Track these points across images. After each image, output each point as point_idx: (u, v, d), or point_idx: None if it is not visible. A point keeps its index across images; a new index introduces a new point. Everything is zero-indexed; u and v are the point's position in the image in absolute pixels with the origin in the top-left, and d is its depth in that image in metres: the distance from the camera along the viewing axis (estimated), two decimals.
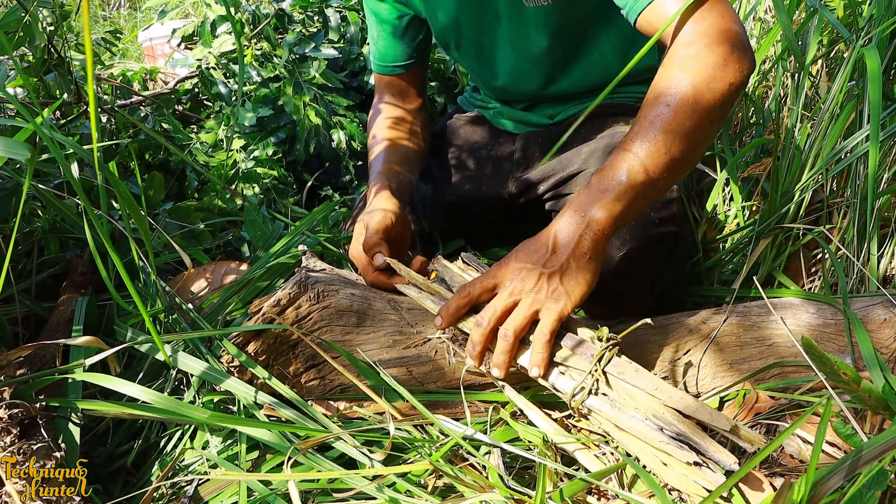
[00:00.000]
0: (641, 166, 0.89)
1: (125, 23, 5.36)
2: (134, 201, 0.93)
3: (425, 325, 1.05)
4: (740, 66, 0.91)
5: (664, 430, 0.82)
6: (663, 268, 1.19)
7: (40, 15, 1.32)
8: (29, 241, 1.26)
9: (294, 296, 1.00)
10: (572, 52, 1.32)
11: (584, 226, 0.90)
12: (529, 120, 1.44)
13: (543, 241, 0.92)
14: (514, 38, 1.29)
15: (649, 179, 0.90)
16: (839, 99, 1.23)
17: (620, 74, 0.90)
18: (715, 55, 0.91)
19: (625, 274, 1.13)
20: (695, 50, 0.92)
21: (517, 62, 1.33)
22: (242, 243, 1.50)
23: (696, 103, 0.89)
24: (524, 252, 0.93)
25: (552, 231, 0.92)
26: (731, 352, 1.03)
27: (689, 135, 0.90)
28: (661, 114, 0.90)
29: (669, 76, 0.92)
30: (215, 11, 2.00)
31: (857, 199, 1.19)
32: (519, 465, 0.91)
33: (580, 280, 0.90)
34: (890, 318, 0.98)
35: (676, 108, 0.90)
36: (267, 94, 1.88)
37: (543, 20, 1.24)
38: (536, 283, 0.90)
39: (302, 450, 0.84)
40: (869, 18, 1.24)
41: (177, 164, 1.75)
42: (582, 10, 1.25)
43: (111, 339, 1.11)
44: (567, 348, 0.91)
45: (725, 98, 0.91)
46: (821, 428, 0.62)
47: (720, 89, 0.90)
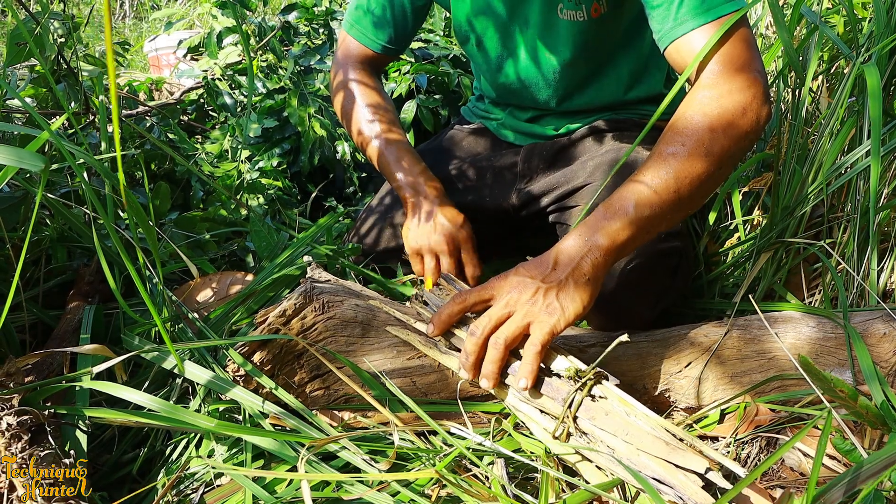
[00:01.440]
0: (649, 200, 0.91)
1: (130, 33, 5.40)
2: (142, 211, 0.94)
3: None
4: (758, 116, 0.93)
5: (641, 472, 0.81)
6: (668, 283, 1.20)
7: (51, 27, 1.34)
8: (37, 249, 1.27)
9: (299, 306, 1.01)
10: (591, 71, 1.33)
11: (586, 249, 0.91)
12: (533, 132, 1.45)
13: (546, 258, 0.93)
14: (539, 47, 1.30)
15: (655, 214, 0.91)
16: (840, 115, 1.24)
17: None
18: (736, 102, 0.92)
19: (631, 287, 1.14)
20: (717, 93, 0.93)
21: (535, 71, 1.34)
22: (247, 253, 1.51)
23: (711, 148, 0.91)
24: (525, 267, 0.94)
25: (555, 250, 0.93)
26: (732, 365, 1.04)
27: (700, 177, 0.92)
28: (675, 152, 0.92)
29: (689, 116, 0.93)
30: (222, 23, 2.02)
31: (857, 214, 1.20)
32: (522, 475, 0.91)
33: (576, 298, 0.90)
34: (889, 333, 0.99)
35: (691, 150, 0.91)
36: (272, 105, 1.89)
37: (573, 34, 1.25)
38: (533, 295, 0.90)
39: (313, 450, 0.85)
40: (869, 35, 1.26)
41: (182, 175, 1.77)
42: (612, 31, 1.27)
43: (117, 347, 1.12)
44: (537, 390, 0.91)
45: (740, 145, 0.93)
46: (821, 442, 0.63)
47: (736, 136, 0.92)
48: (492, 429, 0.98)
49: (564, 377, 0.91)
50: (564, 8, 1.22)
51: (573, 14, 1.22)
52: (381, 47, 1.45)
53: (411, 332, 1.05)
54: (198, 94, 2.16)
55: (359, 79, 1.43)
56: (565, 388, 0.89)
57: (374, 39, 1.44)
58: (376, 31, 1.43)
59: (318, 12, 2.09)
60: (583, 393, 0.88)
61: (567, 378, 0.90)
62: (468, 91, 2.11)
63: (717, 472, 0.78)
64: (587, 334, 1.10)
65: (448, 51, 2.18)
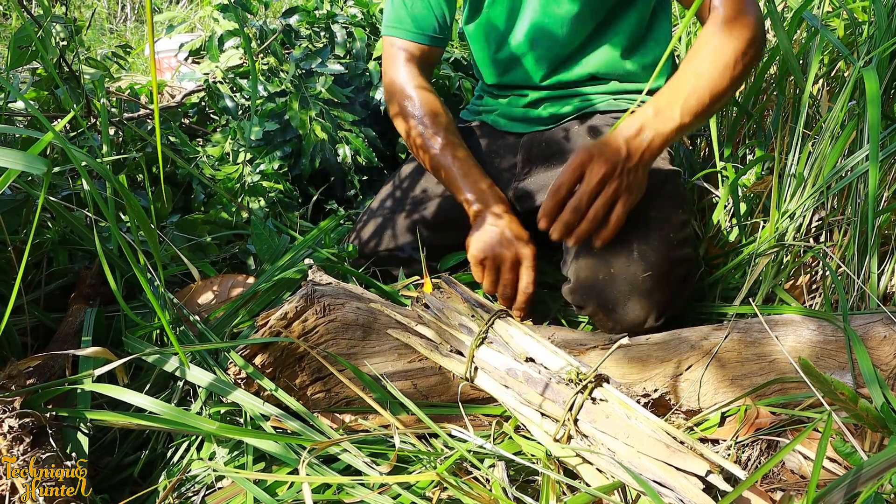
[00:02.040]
0: (699, 95, 1.12)
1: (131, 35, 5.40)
2: (144, 214, 0.94)
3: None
4: (762, 42, 1.17)
5: (642, 475, 0.82)
6: (679, 290, 1.20)
7: (53, 30, 1.34)
8: (38, 252, 1.27)
9: (301, 309, 1.01)
10: (594, 28, 1.35)
11: (649, 139, 1.11)
12: (529, 116, 1.46)
13: (617, 145, 1.10)
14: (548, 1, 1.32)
15: (702, 105, 1.12)
16: (840, 118, 1.24)
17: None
18: (745, 38, 1.15)
19: (644, 295, 1.14)
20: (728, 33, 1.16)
21: (542, 23, 1.35)
22: (248, 256, 1.51)
23: (735, 69, 1.14)
24: (603, 154, 1.10)
25: (624, 138, 1.10)
26: (733, 367, 1.04)
27: (728, 81, 1.14)
28: (705, 70, 1.13)
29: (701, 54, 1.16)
30: (223, 27, 2.02)
31: (857, 217, 1.20)
32: (522, 478, 0.92)
33: (642, 185, 1.14)
34: (890, 336, 0.99)
35: (721, 69, 1.14)
36: (273, 108, 1.89)
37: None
38: (617, 178, 1.10)
39: (314, 453, 0.85)
40: (869, 38, 1.26)
41: (183, 177, 1.77)
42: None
43: (118, 350, 1.12)
44: (536, 393, 0.92)
45: (754, 60, 1.17)
46: (821, 445, 0.63)
47: (748, 59, 1.15)
48: (492, 431, 0.98)
49: (565, 379, 0.91)
50: None
51: None
52: (427, 38, 1.46)
53: (412, 335, 1.05)
54: (199, 97, 2.16)
55: (413, 82, 1.44)
56: (566, 391, 0.89)
57: (419, 32, 1.45)
58: (419, 23, 1.44)
59: (319, 16, 2.09)
60: (584, 395, 0.88)
61: (568, 380, 0.91)
62: (469, 94, 2.11)
63: (717, 475, 0.78)
64: (588, 337, 1.10)
65: (449, 54, 2.18)
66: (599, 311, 1.18)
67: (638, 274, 1.14)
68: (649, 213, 1.19)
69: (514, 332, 1.00)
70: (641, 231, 1.17)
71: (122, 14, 5.93)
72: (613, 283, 1.15)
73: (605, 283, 1.16)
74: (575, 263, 1.20)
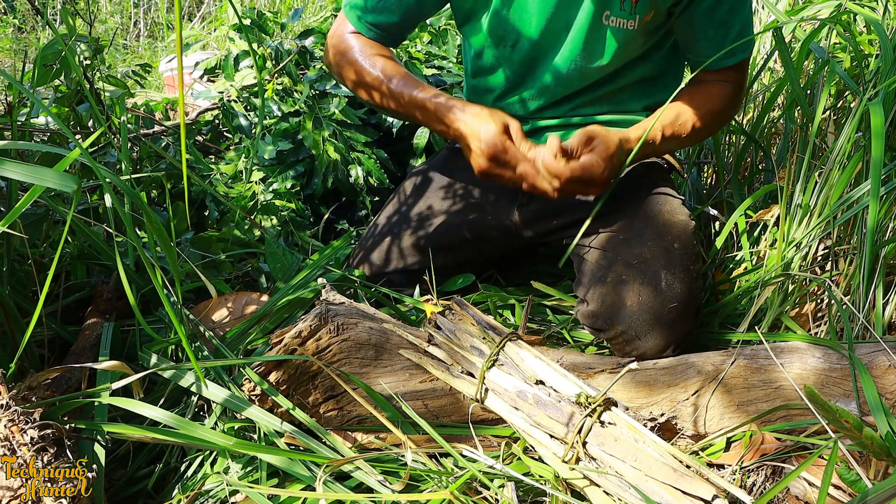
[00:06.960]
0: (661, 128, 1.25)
1: (144, 52, 5.47)
2: (164, 230, 0.96)
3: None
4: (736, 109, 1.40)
5: (649, 498, 0.83)
6: (691, 327, 1.22)
7: (78, 49, 1.37)
8: (57, 266, 1.29)
9: (315, 328, 1.03)
10: (616, 73, 1.35)
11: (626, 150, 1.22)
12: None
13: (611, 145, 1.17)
14: (577, 50, 1.29)
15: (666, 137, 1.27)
16: (846, 149, 1.26)
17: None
18: (734, 105, 1.36)
19: (669, 325, 1.18)
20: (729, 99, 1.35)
21: (568, 72, 1.32)
22: (260, 274, 1.53)
23: (713, 122, 1.33)
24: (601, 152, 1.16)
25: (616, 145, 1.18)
26: (739, 393, 1.05)
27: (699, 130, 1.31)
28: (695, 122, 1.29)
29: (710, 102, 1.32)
30: (239, 46, 2.06)
31: (863, 247, 1.22)
32: (531, 499, 0.93)
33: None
34: (894, 365, 1.00)
35: (706, 121, 1.30)
36: (287, 128, 1.92)
37: (617, 40, 1.27)
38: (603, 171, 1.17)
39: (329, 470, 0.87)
40: (876, 71, 1.29)
41: (197, 194, 1.79)
42: (646, 41, 1.30)
43: (133, 364, 1.14)
44: (546, 415, 0.94)
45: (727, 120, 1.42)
46: (826, 472, 0.65)
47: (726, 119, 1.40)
48: (502, 452, 0.99)
49: (574, 403, 0.92)
50: (612, 15, 1.24)
51: (623, 22, 1.24)
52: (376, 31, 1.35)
53: (424, 356, 1.07)
54: (213, 115, 2.20)
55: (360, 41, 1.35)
56: (575, 414, 0.91)
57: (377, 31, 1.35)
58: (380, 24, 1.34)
59: None
60: (592, 419, 0.90)
61: (577, 404, 0.92)
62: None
63: (723, 500, 0.80)
64: (596, 360, 1.12)
65: (460, 78, 2.21)
66: (620, 337, 1.20)
67: (665, 305, 1.16)
68: (672, 244, 1.21)
69: (524, 355, 1.02)
70: (664, 262, 1.19)
71: (134, 30, 6.00)
72: (640, 312, 1.17)
73: (631, 311, 1.18)
74: (599, 288, 1.21)
